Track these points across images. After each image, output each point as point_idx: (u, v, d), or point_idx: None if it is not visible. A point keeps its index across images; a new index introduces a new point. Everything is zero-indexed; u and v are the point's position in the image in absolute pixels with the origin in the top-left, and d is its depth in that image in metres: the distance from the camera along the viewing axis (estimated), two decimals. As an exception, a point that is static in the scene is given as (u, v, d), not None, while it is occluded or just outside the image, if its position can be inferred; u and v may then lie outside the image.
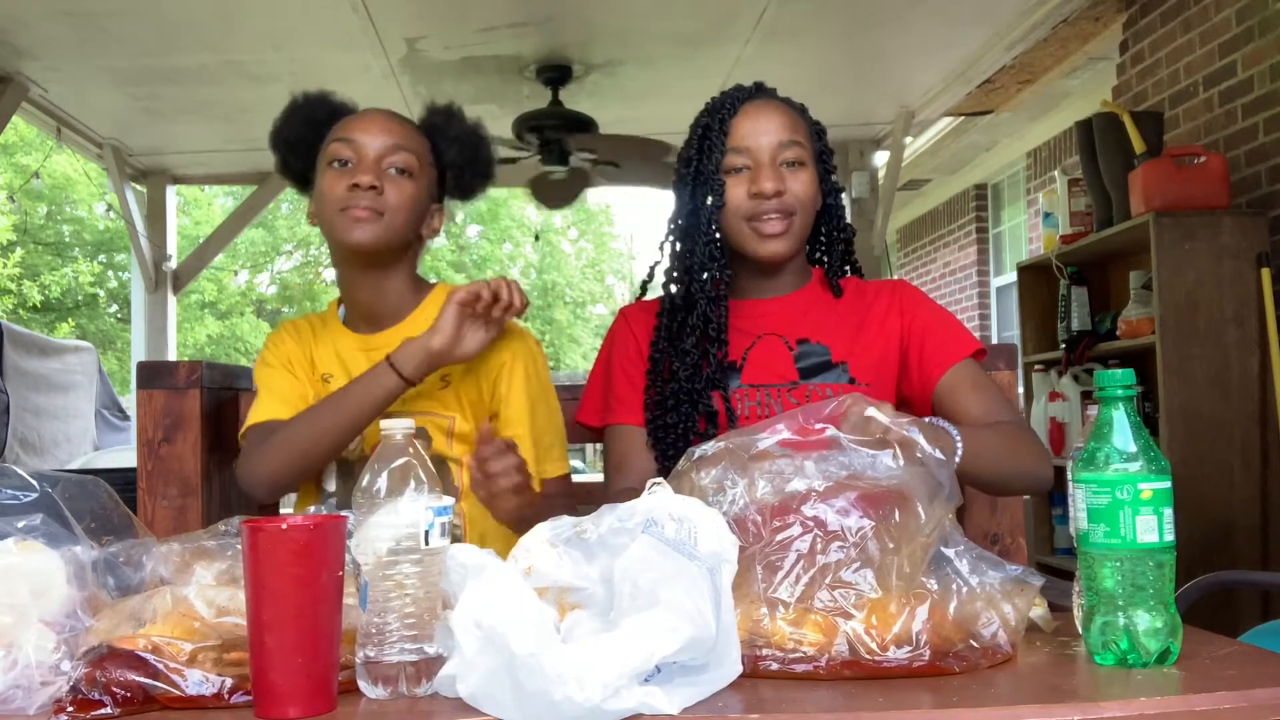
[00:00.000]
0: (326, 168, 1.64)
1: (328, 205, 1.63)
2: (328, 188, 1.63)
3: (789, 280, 1.68)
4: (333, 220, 1.62)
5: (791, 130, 1.60)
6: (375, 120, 1.67)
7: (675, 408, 1.59)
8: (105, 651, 0.94)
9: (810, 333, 1.64)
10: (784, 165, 1.58)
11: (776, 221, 1.57)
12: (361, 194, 1.60)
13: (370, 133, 1.64)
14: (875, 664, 0.98)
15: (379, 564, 0.97)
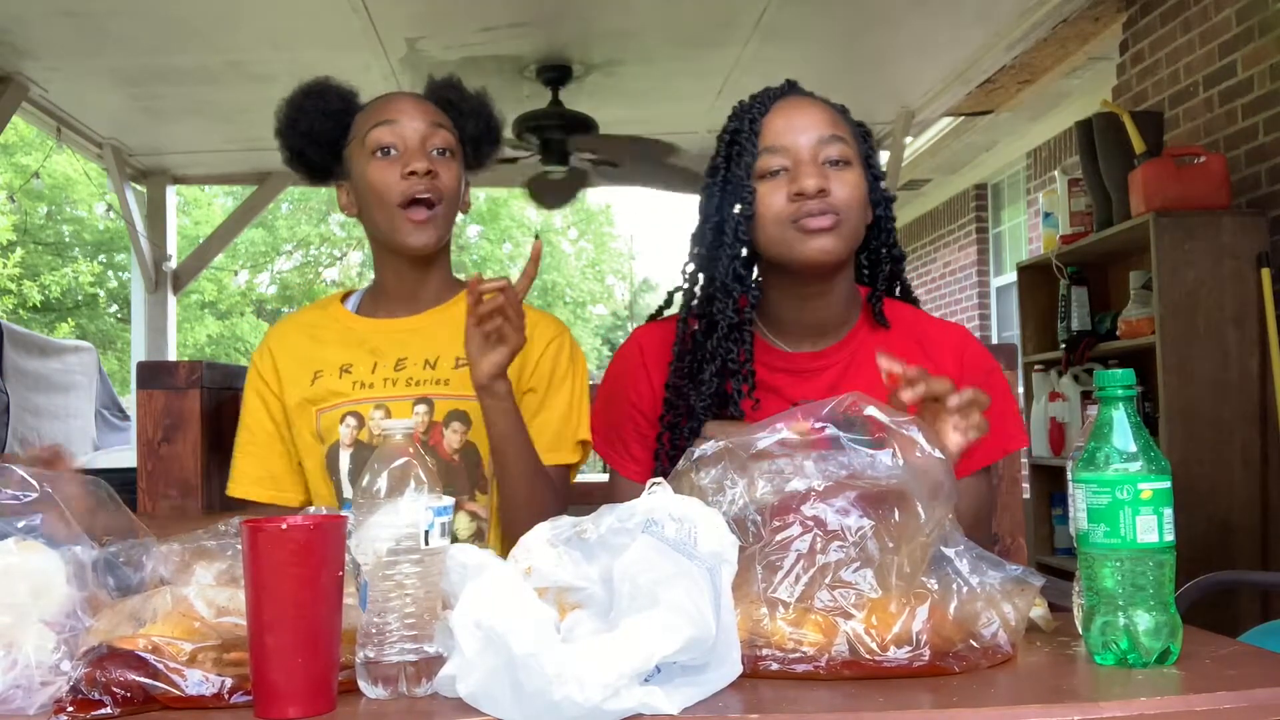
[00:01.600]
0: (371, 157, 1.60)
1: (382, 199, 1.59)
2: (379, 178, 1.59)
3: (834, 317, 1.48)
4: (390, 218, 1.60)
5: (833, 124, 1.43)
6: (408, 102, 1.65)
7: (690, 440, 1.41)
8: (105, 651, 0.94)
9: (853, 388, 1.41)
10: (827, 164, 1.41)
11: (822, 217, 1.39)
12: (418, 181, 1.57)
13: (411, 115, 1.61)
14: (875, 664, 0.98)
15: (379, 564, 0.97)
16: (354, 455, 1.64)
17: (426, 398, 1.62)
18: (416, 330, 1.67)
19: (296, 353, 1.70)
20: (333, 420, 1.65)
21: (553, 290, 20.15)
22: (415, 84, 4.85)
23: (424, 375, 1.64)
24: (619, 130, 5.03)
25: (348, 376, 1.65)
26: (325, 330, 1.72)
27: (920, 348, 1.50)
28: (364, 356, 1.66)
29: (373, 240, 1.69)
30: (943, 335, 1.54)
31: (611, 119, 5.05)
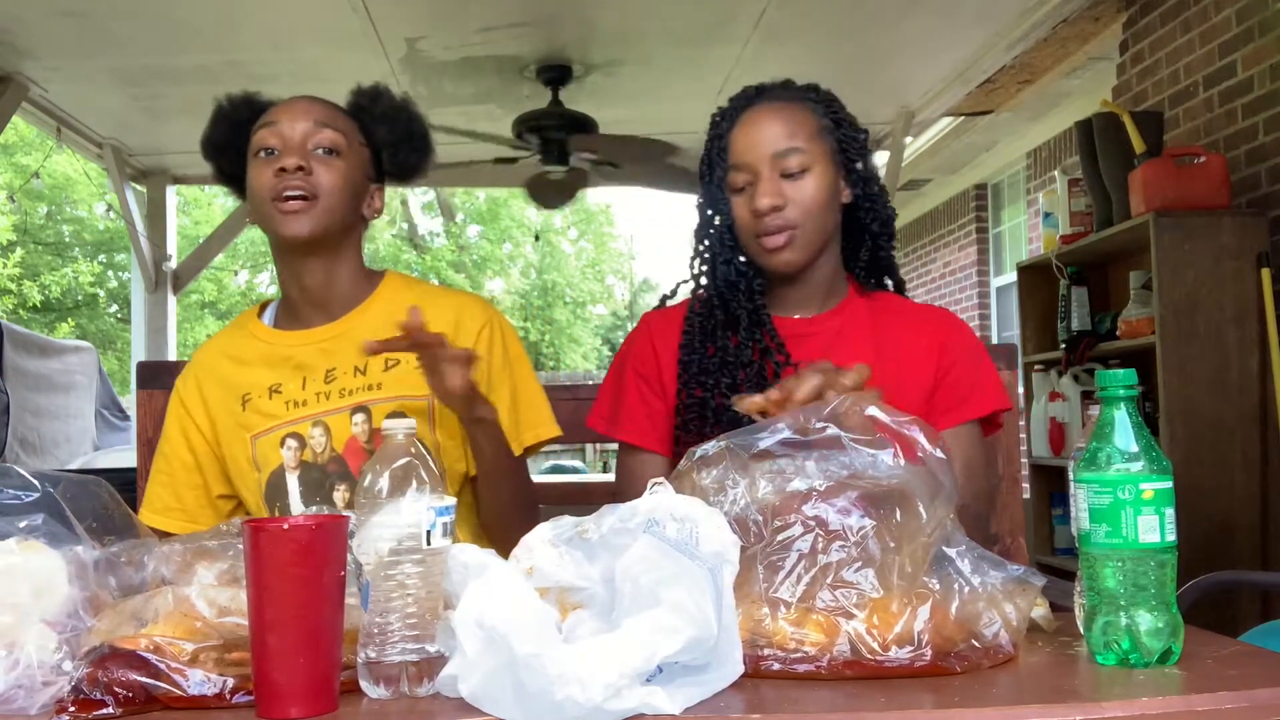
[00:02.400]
0: (253, 159, 1.59)
1: (258, 196, 1.57)
2: (255, 178, 1.58)
3: (821, 291, 1.61)
4: (267, 213, 1.57)
5: (789, 136, 1.53)
6: (297, 104, 1.62)
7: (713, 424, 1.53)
8: (107, 651, 0.94)
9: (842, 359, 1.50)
10: (784, 176, 1.53)
11: (777, 235, 1.53)
12: (290, 177, 1.55)
13: (292, 115, 1.59)
14: (877, 664, 0.98)
15: (381, 564, 0.97)
16: (302, 477, 1.60)
17: (363, 406, 1.59)
18: (338, 336, 1.63)
19: (222, 379, 1.66)
20: (270, 445, 1.61)
21: (553, 290, 20.15)
22: (415, 84, 4.86)
23: (356, 383, 1.60)
24: (619, 130, 5.03)
25: (279, 397, 1.61)
26: (247, 351, 1.67)
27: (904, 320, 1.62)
28: (291, 373, 1.62)
29: (272, 248, 1.65)
30: (926, 313, 1.65)
31: (611, 119, 5.06)
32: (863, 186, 1.59)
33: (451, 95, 5.09)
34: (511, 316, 19.08)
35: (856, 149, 1.59)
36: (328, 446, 1.59)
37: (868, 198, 1.60)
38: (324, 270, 1.63)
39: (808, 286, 1.61)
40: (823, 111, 1.59)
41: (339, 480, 1.58)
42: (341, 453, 1.58)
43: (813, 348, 1.57)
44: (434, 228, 19.52)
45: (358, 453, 1.58)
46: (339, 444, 1.59)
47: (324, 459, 1.59)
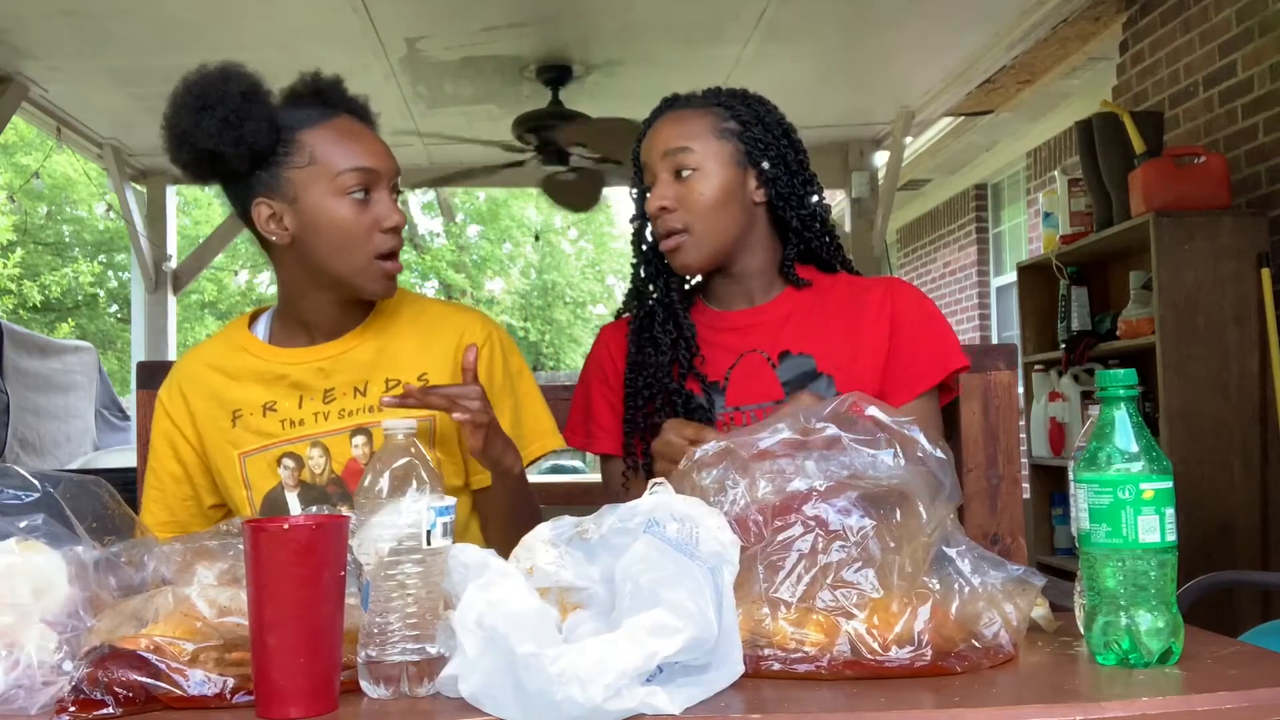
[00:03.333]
0: (340, 199, 1.49)
1: (353, 246, 1.50)
2: (351, 226, 1.49)
3: (758, 285, 1.65)
4: (363, 266, 1.51)
5: (677, 137, 1.58)
6: (373, 143, 1.55)
7: (665, 406, 1.59)
8: (107, 651, 0.94)
9: (792, 343, 1.61)
10: (677, 176, 1.57)
11: (669, 239, 1.58)
12: (396, 237, 1.52)
13: (382, 159, 1.53)
14: (877, 664, 0.98)
15: (381, 564, 0.97)
16: (302, 495, 1.56)
17: (363, 428, 1.55)
18: (338, 357, 1.58)
19: (211, 392, 1.60)
20: (264, 464, 1.56)
21: (553, 290, 20.15)
22: (415, 84, 4.86)
23: (355, 404, 1.56)
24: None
25: (273, 415, 1.56)
26: (238, 365, 1.60)
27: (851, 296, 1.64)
28: (287, 391, 1.57)
29: (309, 274, 1.55)
30: (872, 285, 1.66)
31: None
32: (775, 186, 1.61)
33: (451, 95, 5.09)
34: (511, 316, 19.07)
35: (762, 149, 1.60)
36: (326, 468, 1.55)
37: (780, 196, 1.62)
38: (342, 304, 1.59)
39: (737, 280, 1.65)
40: (726, 115, 1.61)
41: (340, 500, 1.55)
42: (341, 475, 1.55)
43: (761, 336, 1.62)
44: (434, 228, 19.52)
45: (358, 474, 1.53)
46: (338, 466, 1.55)
47: (323, 480, 1.56)
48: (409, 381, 1.55)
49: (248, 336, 1.63)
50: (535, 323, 19.61)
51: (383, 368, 1.57)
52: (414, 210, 18.99)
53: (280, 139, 1.50)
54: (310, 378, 1.57)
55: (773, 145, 1.61)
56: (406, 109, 5.18)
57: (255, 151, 1.48)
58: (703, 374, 1.61)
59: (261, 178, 1.51)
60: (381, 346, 1.58)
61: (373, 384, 1.57)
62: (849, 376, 1.58)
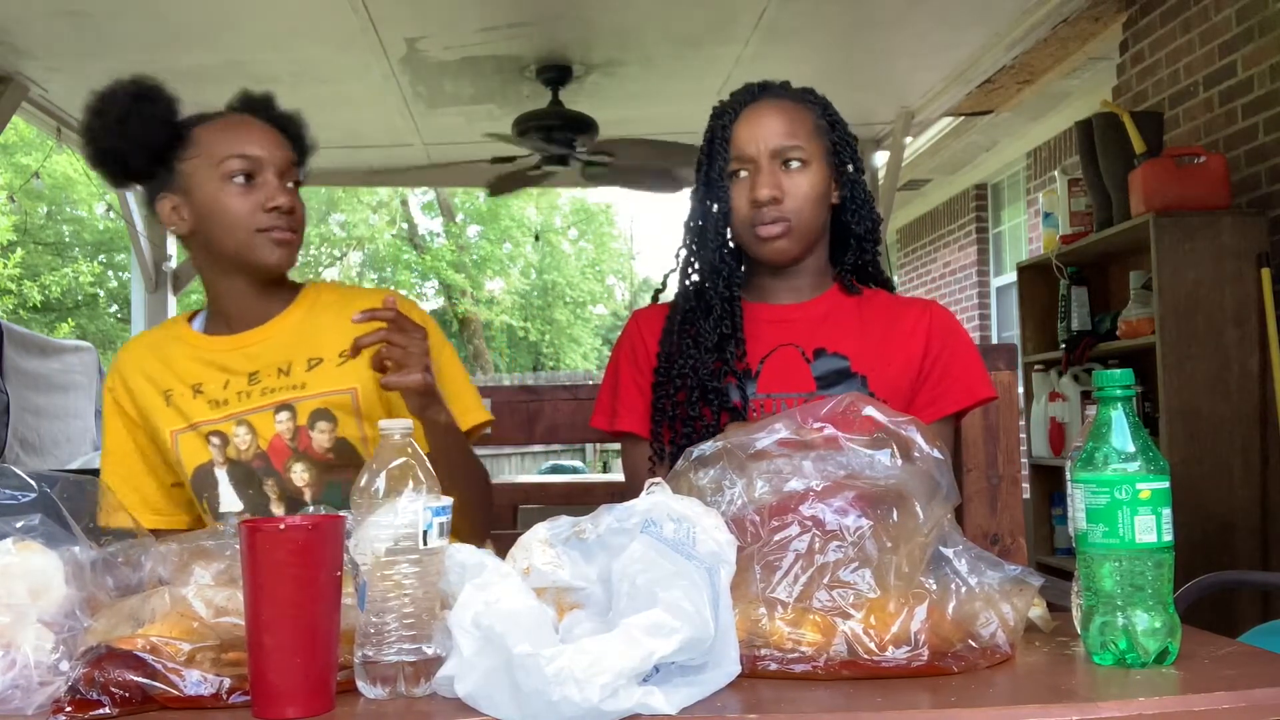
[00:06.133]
0: (224, 183, 1.59)
1: (237, 225, 1.59)
2: (233, 206, 1.59)
3: (808, 283, 1.67)
4: (246, 241, 1.60)
5: (789, 133, 1.60)
6: (261, 133, 1.64)
7: (700, 400, 1.60)
8: (104, 651, 0.94)
9: (828, 342, 1.62)
10: (783, 168, 1.59)
11: (773, 225, 1.59)
12: (281, 216, 1.60)
13: (268, 148, 1.62)
14: (874, 664, 0.98)
15: (377, 564, 0.97)
16: (231, 471, 1.64)
17: (287, 404, 1.62)
18: (263, 341, 1.66)
19: (146, 374, 1.69)
20: (195, 441, 1.64)
21: (553, 290, 20.14)
22: (415, 84, 4.86)
23: (279, 383, 1.64)
24: (618, 130, 5.02)
25: (201, 396, 1.65)
26: (172, 350, 1.70)
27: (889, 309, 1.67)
28: (215, 374, 1.66)
29: (212, 260, 1.66)
30: (910, 301, 1.70)
31: (611, 119, 5.05)
32: (851, 189, 1.66)
33: (451, 95, 5.09)
34: (511, 316, 19.07)
35: (849, 153, 1.66)
36: (252, 444, 1.63)
37: (855, 201, 1.67)
38: (259, 291, 1.68)
39: (795, 277, 1.67)
40: (820, 113, 1.65)
41: (265, 475, 1.63)
42: (265, 450, 1.63)
43: (798, 331, 1.63)
44: (434, 228, 19.53)
45: (281, 449, 1.63)
46: (263, 441, 1.63)
47: (248, 456, 1.63)
48: (331, 358, 1.63)
49: (184, 327, 1.74)
50: (535, 323, 19.61)
51: (305, 347, 1.65)
52: (414, 210, 19.02)
53: (177, 135, 1.63)
54: (236, 362, 1.66)
55: (853, 151, 1.67)
56: (406, 109, 5.18)
57: (149, 148, 1.62)
58: (739, 371, 1.62)
59: (163, 174, 1.64)
60: (303, 327, 1.67)
61: (295, 363, 1.65)
62: (883, 380, 1.59)
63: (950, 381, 1.62)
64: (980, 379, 1.64)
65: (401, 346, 1.44)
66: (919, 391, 1.62)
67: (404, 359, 1.44)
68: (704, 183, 1.64)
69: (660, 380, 1.64)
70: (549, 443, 2.93)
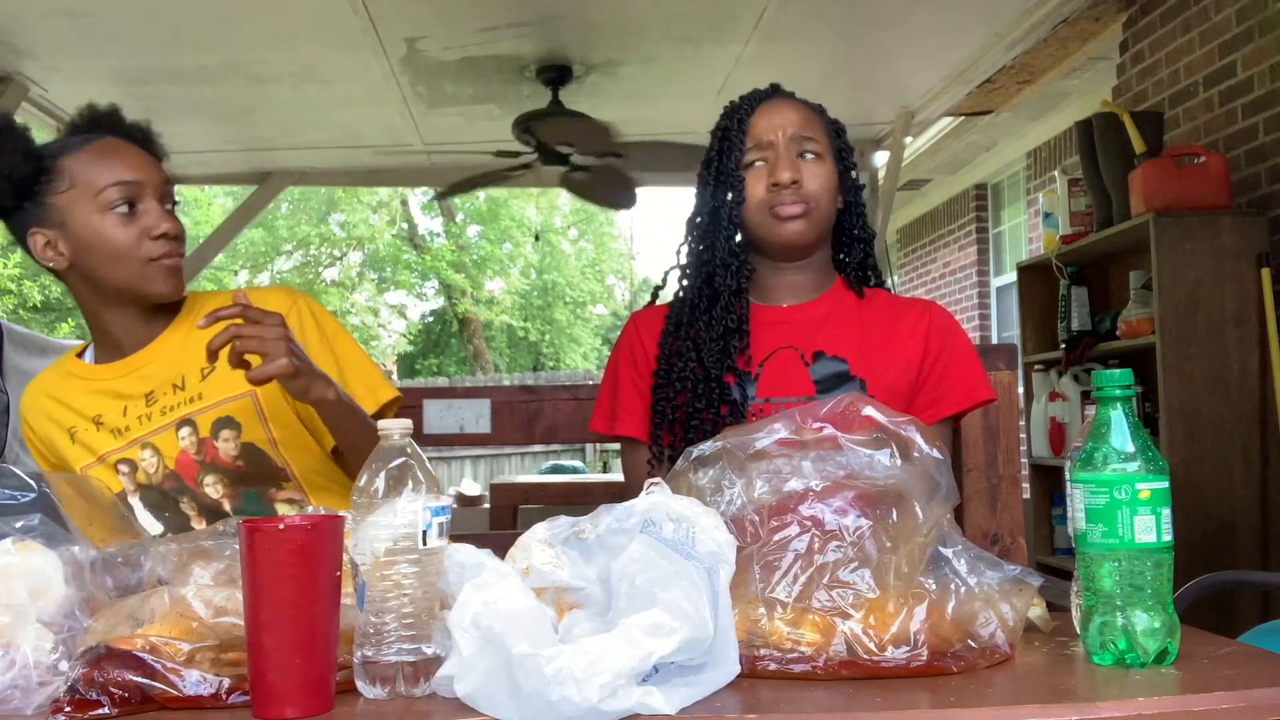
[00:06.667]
0: (104, 214, 1.55)
1: (124, 256, 1.55)
2: (116, 238, 1.55)
3: (810, 281, 1.68)
4: (136, 272, 1.56)
5: (807, 125, 1.64)
6: (134, 156, 1.59)
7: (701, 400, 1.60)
8: (103, 651, 0.94)
9: (827, 345, 1.63)
10: (801, 157, 1.61)
11: (794, 205, 1.60)
12: (169, 243, 1.56)
13: (144, 171, 1.58)
14: (873, 664, 0.98)
15: (377, 564, 0.97)
16: (144, 496, 1.63)
17: (187, 419, 1.61)
18: (153, 360, 1.64)
19: (49, 416, 1.68)
20: (105, 473, 1.63)
21: (553, 290, 20.15)
22: (415, 84, 4.86)
23: (176, 399, 1.62)
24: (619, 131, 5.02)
25: (103, 428, 1.64)
26: (65, 388, 1.68)
27: (889, 311, 1.68)
28: (112, 403, 1.64)
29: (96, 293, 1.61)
30: (909, 303, 1.71)
31: (611, 119, 5.05)
32: (853, 195, 1.70)
33: (451, 95, 5.09)
34: (511, 316, 19.06)
35: (851, 160, 1.70)
36: (159, 466, 1.61)
37: (856, 207, 1.71)
38: (144, 314, 1.65)
39: (798, 274, 1.68)
40: (827, 120, 1.70)
41: (179, 494, 1.62)
42: (174, 468, 1.62)
43: (798, 334, 1.64)
44: (434, 228, 19.53)
45: (189, 465, 1.61)
46: (170, 461, 1.61)
47: (158, 478, 1.62)
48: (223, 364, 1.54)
49: (75, 362, 1.71)
50: (535, 323, 19.60)
51: (195, 358, 1.61)
52: (414, 210, 19.01)
53: (42, 168, 1.56)
54: (130, 386, 1.64)
55: (852, 160, 1.71)
56: (406, 109, 5.18)
57: (14, 183, 1.55)
58: (740, 370, 1.62)
59: (30, 209, 1.57)
60: (190, 339, 1.64)
61: (189, 375, 1.63)
62: (882, 384, 1.60)
63: (949, 384, 1.63)
64: (979, 381, 1.65)
65: (256, 337, 1.38)
66: (918, 394, 1.63)
67: (261, 347, 1.38)
68: (715, 175, 1.65)
69: (660, 383, 1.64)
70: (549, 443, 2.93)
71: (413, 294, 19.80)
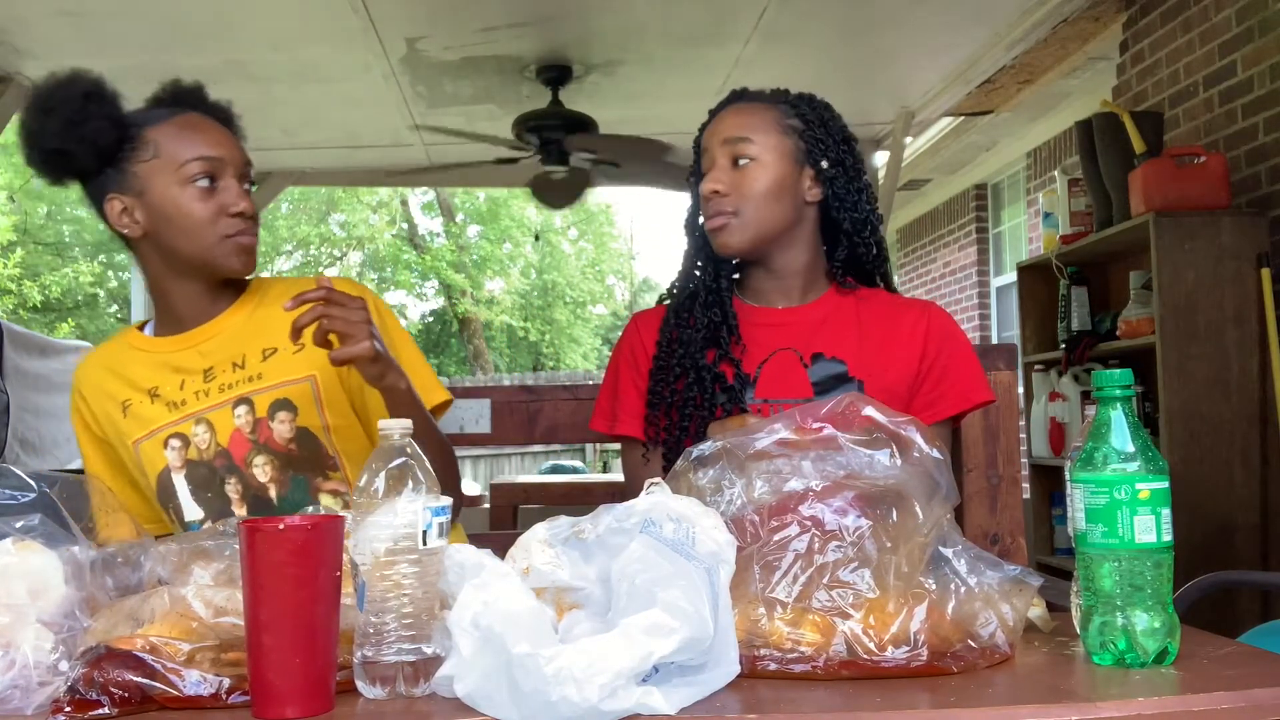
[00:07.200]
0: (186, 187, 1.57)
1: (200, 230, 1.57)
2: (196, 212, 1.57)
3: (798, 284, 1.68)
4: (211, 246, 1.58)
5: (739, 127, 1.62)
6: (218, 133, 1.63)
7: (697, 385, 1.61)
8: (103, 651, 0.94)
9: (826, 346, 1.63)
10: (736, 166, 1.61)
11: (715, 218, 1.61)
12: (244, 221, 1.58)
13: (227, 149, 1.61)
14: (873, 664, 0.98)
15: (377, 564, 0.97)
16: (189, 475, 1.62)
17: (244, 398, 1.61)
18: (213, 337, 1.65)
19: (104, 391, 1.68)
20: (154, 448, 1.63)
21: (553, 290, 20.15)
22: (415, 84, 4.86)
23: (235, 377, 1.62)
24: (619, 130, 5.02)
25: (158, 400, 1.63)
26: (125, 360, 1.69)
27: (888, 311, 1.67)
28: (170, 376, 1.64)
29: (167, 264, 1.63)
30: (909, 303, 1.70)
31: (611, 119, 5.05)
32: (831, 186, 1.65)
33: (451, 95, 5.09)
34: (511, 316, 19.06)
35: (824, 150, 1.65)
36: (212, 442, 1.61)
37: (837, 198, 1.65)
38: (213, 290, 1.66)
39: (778, 277, 1.68)
40: (791, 113, 1.66)
41: (227, 474, 1.61)
42: (226, 446, 1.61)
43: (796, 335, 1.64)
44: (434, 228, 19.53)
45: (242, 443, 1.61)
46: (223, 438, 1.61)
47: (209, 455, 1.61)
48: (286, 347, 1.60)
49: (135, 334, 1.72)
50: (535, 323, 19.60)
51: (257, 338, 1.63)
52: (414, 210, 19.02)
53: (126, 136, 1.59)
54: (189, 360, 1.64)
55: (833, 148, 1.66)
56: (406, 109, 5.18)
57: (100, 148, 1.58)
58: (737, 360, 1.63)
59: (111, 175, 1.60)
60: (254, 319, 1.66)
61: (249, 355, 1.63)
62: (880, 385, 1.60)
63: (947, 385, 1.63)
64: (978, 382, 1.65)
65: (341, 318, 1.40)
66: (916, 394, 1.63)
67: (346, 329, 1.40)
68: (693, 183, 1.70)
69: (659, 367, 1.66)
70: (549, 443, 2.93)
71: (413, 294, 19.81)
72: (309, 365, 1.61)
